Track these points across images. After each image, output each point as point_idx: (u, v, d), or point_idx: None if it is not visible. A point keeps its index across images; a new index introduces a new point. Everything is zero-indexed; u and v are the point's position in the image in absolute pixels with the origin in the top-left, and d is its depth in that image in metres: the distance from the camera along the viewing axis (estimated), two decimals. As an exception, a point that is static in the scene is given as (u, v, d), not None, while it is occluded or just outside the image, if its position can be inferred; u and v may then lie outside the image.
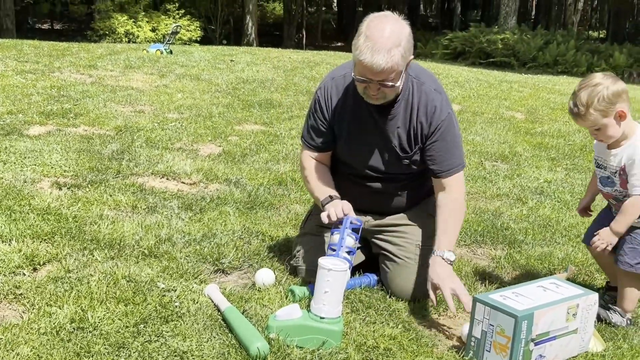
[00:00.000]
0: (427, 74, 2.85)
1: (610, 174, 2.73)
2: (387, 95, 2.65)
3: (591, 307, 2.49)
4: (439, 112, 2.75)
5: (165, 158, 4.86)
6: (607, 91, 2.53)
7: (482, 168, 5.47)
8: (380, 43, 2.47)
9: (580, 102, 2.56)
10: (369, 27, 2.51)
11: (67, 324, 2.37)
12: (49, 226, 3.31)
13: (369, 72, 2.52)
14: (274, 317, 2.41)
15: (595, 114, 2.54)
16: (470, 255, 3.58)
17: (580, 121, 2.63)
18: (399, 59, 2.50)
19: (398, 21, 2.56)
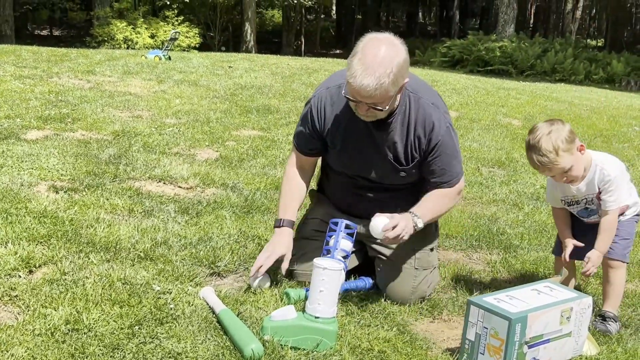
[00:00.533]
0: (424, 87, 2.83)
1: (587, 204, 2.81)
2: (378, 115, 2.62)
3: (585, 311, 2.50)
4: (438, 127, 2.72)
5: (162, 162, 4.87)
6: (564, 132, 2.61)
7: (479, 174, 5.49)
8: (371, 68, 2.43)
9: (547, 150, 2.59)
10: (364, 49, 2.48)
11: (62, 325, 2.37)
12: (45, 229, 3.31)
13: (357, 94, 2.50)
14: (269, 318, 2.42)
15: (564, 155, 2.60)
16: (466, 259, 3.59)
17: (550, 170, 2.66)
18: (388, 85, 2.46)
19: (394, 45, 2.51)
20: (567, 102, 10.21)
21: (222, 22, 24.10)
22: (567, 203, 2.89)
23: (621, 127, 8.33)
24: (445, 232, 3.89)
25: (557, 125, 2.63)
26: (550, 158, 2.59)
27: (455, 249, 3.71)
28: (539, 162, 2.64)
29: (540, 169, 2.69)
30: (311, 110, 2.85)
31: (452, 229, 3.95)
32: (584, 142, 7.08)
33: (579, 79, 19.21)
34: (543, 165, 2.64)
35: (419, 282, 2.87)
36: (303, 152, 2.97)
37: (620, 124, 8.61)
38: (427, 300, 2.92)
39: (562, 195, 2.88)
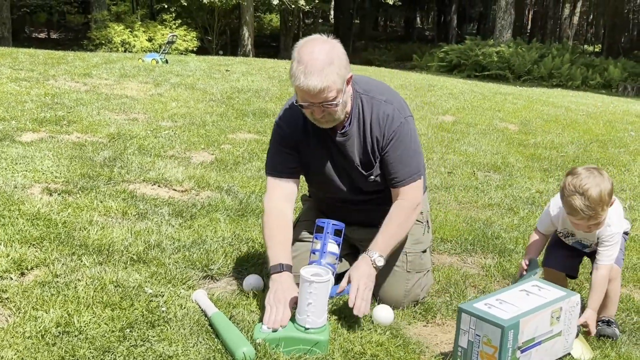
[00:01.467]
0: (376, 86, 2.80)
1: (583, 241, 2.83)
2: (335, 116, 2.60)
3: (574, 309, 2.50)
4: (391, 121, 2.70)
5: (157, 165, 4.86)
6: (608, 184, 2.56)
7: (475, 178, 5.48)
8: (311, 65, 2.44)
9: (595, 201, 2.52)
10: (300, 52, 2.49)
11: (53, 327, 2.36)
12: (38, 231, 3.30)
13: (307, 95, 2.49)
14: (259, 328, 2.39)
15: (605, 208, 2.57)
16: (461, 263, 3.58)
17: (589, 220, 2.58)
18: (334, 77, 2.47)
19: (327, 41, 2.53)
20: (564, 107, 10.21)
21: (219, 25, 24.11)
22: (563, 235, 2.88)
23: (617, 132, 8.33)
24: (440, 236, 3.88)
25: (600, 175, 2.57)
26: (595, 210, 2.53)
27: (450, 253, 3.70)
28: (582, 210, 2.54)
29: (578, 216, 2.58)
30: (281, 127, 2.81)
31: (447, 232, 3.94)
32: (580, 147, 7.06)
33: (576, 85, 19.24)
34: (586, 216, 2.56)
35: (411, 285, 2.86)
36: (282, 174, 2.81)
37: (616, 129, 8.61)
38: (421, 303, 2.91)
39: (561, 228, 2.85)
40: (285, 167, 2.82)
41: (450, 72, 21.01)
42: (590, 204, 2.52)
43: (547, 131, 8.04)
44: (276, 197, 2.80)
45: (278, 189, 2.81)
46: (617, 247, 2.74)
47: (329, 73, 2.45)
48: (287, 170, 2.81)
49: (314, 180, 2.94)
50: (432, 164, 5.86)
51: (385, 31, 44.88)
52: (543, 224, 2.93)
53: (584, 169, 2.60)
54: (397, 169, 2.73)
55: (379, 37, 40.43)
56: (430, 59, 23.27)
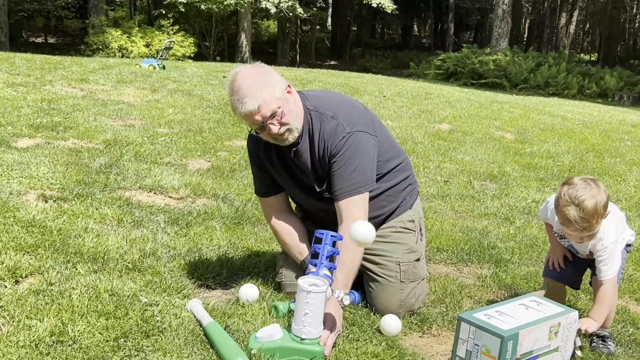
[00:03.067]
0: (327, 102, 2.80)
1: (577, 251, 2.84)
2: (291, 127, 2.65)
3: (572, 325, 2.49)
4: (334, 135, 2.70)
5: (153, 172, 4.85)
6: (603, 196, 2.54)
7: (471, 187, 5.48)
8: (242, 91, 2.54)
9: (589, 213, 2.50)
10: (231, 86, 2.59)
11: (47, 337, 2.34)
12: (32, 239, 3.28)
13: (251, 119, 2.59)
14: (255, 338, 2.38)
15: (599, 221, 2.56)
16: (457, 273, 3.57)
17: (582, 232, 2.57)
18: (269, 94, 2.56)
19: (250, 67, 2.64)
20: (560, 117, 10.23)
21: (217, 32, 24.11)
22: (558, 236, 2.89)
23: (613, 142, 8.34)
24: (436, 246, 3.88)
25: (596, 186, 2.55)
26: (589, 221, 2.51)
27: (446, 263, 3.70)
28: (575, 222, 2.52)
29: (570, 227, 2.57)
30: (250, 149, 2.94)
31: (443, 242, 3.93)
32: (576, 157, 7.06)
33: (572, 93, 19.28)
34: (578, 227, 2.54)
35: (405, 295, 2.85)
36: (267, 192, 2.98)
37: (612, 138, 8.63)
38: (417, 314, 2.91)
39: (556, 228, 2.84)
40: (267, 187, 2.98)
41: (447, 80, 21.04)
42: (585, 215, 2.50)
43: (544, 140, 8.06)
44: (273, 213, 2.98)
45: (270, 207, 3.01)
46: (616, 259, 2.71)
47: (259, 91, 2.55)
48: (269, 189, 2.98)
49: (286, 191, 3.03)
50: (429, 172, 5.86)
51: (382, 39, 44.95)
52: (542, 214, 2.94)
53: (581, 180, 2.58)
54: (336, 183, 2.73)
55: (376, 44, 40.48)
56: (427, 66, 23.30)
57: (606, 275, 2.69)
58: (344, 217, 2.69)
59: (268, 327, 2.42)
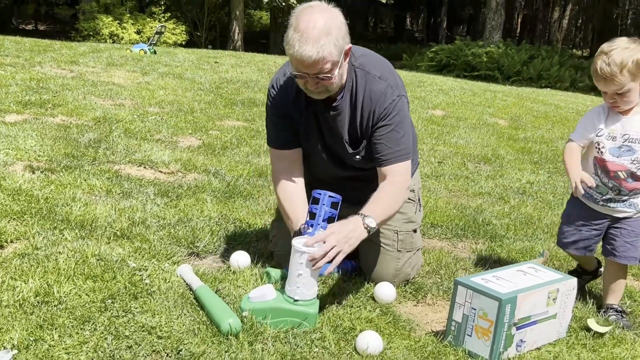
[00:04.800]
0: (373, 61, 2.67)
1: (628, 142, 2.60)
2: (329, 88, 2.49)
3: (570, 292, 2.44)
4: (383, 98, 2.58)
5: (143, 148, 4.77)
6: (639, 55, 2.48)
7: (465, 168, 5.43)
8: (308, 34, 2.31)
9: (614, 62, 2.47)
10: (297, 20, 2.36)
11: (32, 297, 2.27)
12: (18, 206, 3.21)
13: (301, 65, 2.36)
14: (247, 298, 2.33)
15: (627, 75, 2.48)
16: (451, 248, 3.52)
17: (608, 83, 2.51)
18: (330, 48, 2.34)
19: (327, 10, 2.40)
20: (554, 105, 10.20)
21: (209, 20, 23.94)
22: (603, 136, 2.63)
23: (607, 130, 8.31)
24: (430, 221, 3.82)
25: (636, 45, 2.51)
26: (612, 70, 2.48)
27: (440, 238, 3.64)
28: (601, 70, 2.50)
29: (597, 77, 2.54)
30: (275, 96, 2.70)
31: (438, 218, 3.88)
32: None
33: (565, 86, 19.25)
34: (603, 74, 2.50)
35: (402, 264, 2.80)
36: (284, 145, 2.74)
37: (605, 126, 8.60)
38: (411, 283, 2.85)
39: (601, 125, 2.64)
40: (285, 138, 2.73)
41: (440, 71, 20.94)
42: (610, 62, 2.47)
43: (537, 127, 8.01)
44: (284, 170, 2.74)
45: (282, 161, 2.76)
46: None
47: (326, 43, 2.33)
48: (287, 140, 2.73)
49: (303, 152, 2.80)
50: (422, 154, 5.80)
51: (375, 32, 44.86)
52: (579, 128, 2.71)
53: (625, 38, 2.56)
54: (384, 148, 2.61)
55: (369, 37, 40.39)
56: (420, 58, 23.20)
57: None
58: (392, 178, 2.59)
59: (261, 287, 2.36)
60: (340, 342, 2.24)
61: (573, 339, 2.46)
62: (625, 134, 2.60)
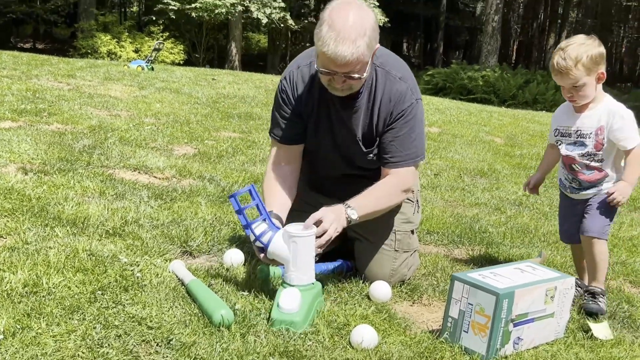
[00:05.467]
0: (393, 61, 2.66)
1: (580, 137, 2.75)
2: (353, 87, 2.48)
3: (568, 291, 2.40)
4: (403, 99, 2.58)
5: (138, 154, 4.74)
6: (595, 51, 2.61)
7: (461, 181, 5.41)
8: (344, 33, 2.28)
9: (569, 56, 2.59)
10: (332, 16, 2.32)
11: (20, 287, 2.23)
12: (10, 204, 3.17)
13: (332, 64, 2.34)
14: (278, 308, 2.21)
15: (582, 70, 2.60)
16: (448, 253, 3.48)
17: (563, 77, 2.64)
18: (364, 49, 2.32)
19: (362, 8, 2.37)
20: (549, 125, 10.21)
21: (207, 40, 24.07)
22: (561, 134, 2.84)
23: (603, 149, 8.31)
24: (427, 228, 3.79)
25: (594, 44, 2.63)
26: (567, 64, 2.60)
27: (437, 244, 3.60)
28: (557, 64, 2.63)
29: (555, 72, 2.67)
30: (285, 89, 2.67)
31: (434, 225, 3.85)
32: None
33: (561, 111, 19.35)
34: (559, 68, 2.63)
35: (399, 265, 2.76)
36: (285, 140, 2.71)
37: (601, 145, 8.61)
38: (407, 283, 2.81)
39: (557, 124, 2.86)
40: (290, 134, 2.70)
41: (436, 94, 21.01)
42: (565, 57, 2.59)
43: (533, 145, 8.01)
44: (280, 162, 2.73)
45: (280, 154, 2.74)
46: (633, 128, 2.67)
47: (361, 45, 2.30)
48: (291, 137, 2.71)
49: (309, 150, 2.78)
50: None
51: (372, 56, 45.01)
52: (550, 131, 2.95)
53: (583, 35, 2.71)
54: (394, 150, 2.61)
55: (366, 61, 40.56)
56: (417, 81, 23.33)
57: (628, 143, 2.67)
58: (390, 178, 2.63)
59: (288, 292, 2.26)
60: (334, 337, 2.19)
61: (571, 339, 2.42)
62: (578, 129, 2.75)
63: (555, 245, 3.71)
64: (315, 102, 2.64)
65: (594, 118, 2.71)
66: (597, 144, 2.71)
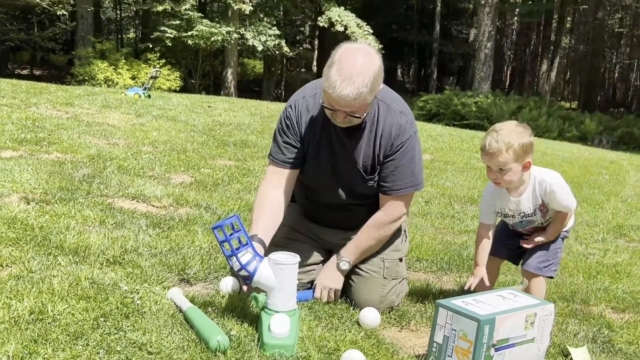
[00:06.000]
0: (392, 96, 2.86)
1: (524, 217, 2.92)
2: (354, 122, 2.67)
3: (547, 317, 2.52)
4: (403, 132, 2.77)
5: (136, 183, 4.86)
6: (526, 140, 2.73)
7: (452, 208, 5.54)
8: (349, 78, 2.47)
9: (503, 140, 2.68)
10: (340, 59, 2.51)
11: (26, 314, 2.34)
12: (14, 233, 3.28)
13: (336, 103, 2.54)
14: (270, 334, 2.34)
15: (511, 155, 2.70)
16: (436, 280, 3.60)
17: (492, 158, 2.73)
18: (366, 94, 2.51)
19: (369, 54, 2.55)
20: (541, 152, 10.39)
21: (203, 67, 24.33)
22: (503, 215, 2.99)
23: (592, 175, 8.49)
24: (416, 255, 3.91)
25: (524, 130, 2.76)
26: (499, 147, 2.68)
27: (426, 271, 3.73)
28: (488, 145, 2.72)
29: (484, 152, 2.76)
30: (290, 116, 2.85)
31: (423, 252, 3.97)
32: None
33: (553, 136, 19.58)
34: (489, 150, 2.72)
35: (387, 291, 2.88)
36: (284, 162, 2.86)
37: (591, 172, 8.78)
38: (396, 310, 2.93)
39: (499, 207, 2.95)
40: (289, 159, 2.86)
41: (430, 120, 21.27)
42: (498, 140, 2.67)
43: (524, 172, 8.16)
44: (272, 182, 2.87)
45: (276, 176, 2.88)
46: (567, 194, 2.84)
47: (364, 90, 2.49)
48: (289, 161, 2.86)
49: (308, 176, 2.93)
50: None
51: (366, 82, 45.32)
52: (483, 211, 3.03)
53: (515, 121, 2.85)
54: (392, 179, 2.80)
55: (361, 86, 40.84)
56: (410, 107, 23.55)
57: (570, 206, 2.86)
58: (387, 208, 2.86)
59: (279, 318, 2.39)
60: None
61: (551, 363, 2.54)
62: (521, 212, 2.91)
63: (541, 272, 3.83)
64: (319, 129, 2.82)
65: (530, 199, 2.86)
66: (544, 214, 2.90)
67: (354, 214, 2.94)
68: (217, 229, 2.47)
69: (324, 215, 3.00)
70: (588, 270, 4.04)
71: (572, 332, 2.93)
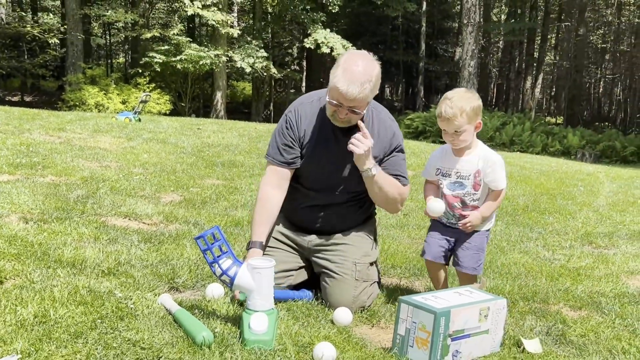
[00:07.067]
0: (383, 107, 3.32)
1: (459, 178, 3.22)
2: (352, 120, 3.06)
3: (500, 311, 2.81)
4: (397, 135, 3.26)
5: (128, 202, 5.14)
6: (476, 103, 3.09)
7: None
8: (355, 76, 2.90)
9: (456, 106, 3.04)
10: (347, 61, 2.94)
11: (31, 318, 2.61)
12: (15, 249, 3.55)
13: (342, 98, 2.95)
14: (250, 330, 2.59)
15: (465, 118, 3.05)
16: (409, 285, 3.88)
17: (449, 123, 3.08)
18: (368, 92, 2.94)
19: (371, 61, 2.99)
20: (519, 166, 10.73)
21: (192, 90, 24.69)
22: (442, 174, 3.28)
23: (567, 187, 8.80)
24: (391, 263, 4.20)
25: (472, 95, 3.12)
26: (453, 112, 3.04)
27: (399, 277, 4.01)
28: (444, 111, 3.07)
29: (441, 118, 3.11)
30: (290, 119, 3.24)
31: (397, 260, 4.26)
32: (530, 199, 7.43)
33: (537, 151, 19.98)
34: (445, 116, 3.06)
35: (359, 293, 3.17)
36: (282, 162, 3.23)
37: (566, 184, 9.10)
38: (367, 310, 3.21)
39: (440, 165, 3.28)
40: (286, 159, 3.24)
41: (416, 138, 21.65)
42: (452, 107, 3.03)
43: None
44: (272, 182, 3.24)
45: (275, 175, 3.25)
46: (502, 174, 3.17)
47: (367, 87, 2.93)
48: (287, 160, 3.24)
49: (308, 175, 3.28)
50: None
51: (355, 101, 45.78)
52: (427, 167, 3.37)
53: (464, 88, 3.22)
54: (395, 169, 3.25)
55: (349, 106, 41.25)
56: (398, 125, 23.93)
57: (498, 185, 3.18)
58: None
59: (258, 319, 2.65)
60: (299, 353, 2.59)
61: (505, 352, 2.82)
62: (458, 171, 3.22)
63: (506, 276, 4.12)
64: (315, 132, 3.21)
65: (472, 162, 3.19)
66: (475, 184, 3.19)
67: (333, 218, 3.29)
68: (199, 239, 2.74)
69: (304, 219, 3.30)
70: (551, 273, 4.33)
71: (528, 327, 3.20)
